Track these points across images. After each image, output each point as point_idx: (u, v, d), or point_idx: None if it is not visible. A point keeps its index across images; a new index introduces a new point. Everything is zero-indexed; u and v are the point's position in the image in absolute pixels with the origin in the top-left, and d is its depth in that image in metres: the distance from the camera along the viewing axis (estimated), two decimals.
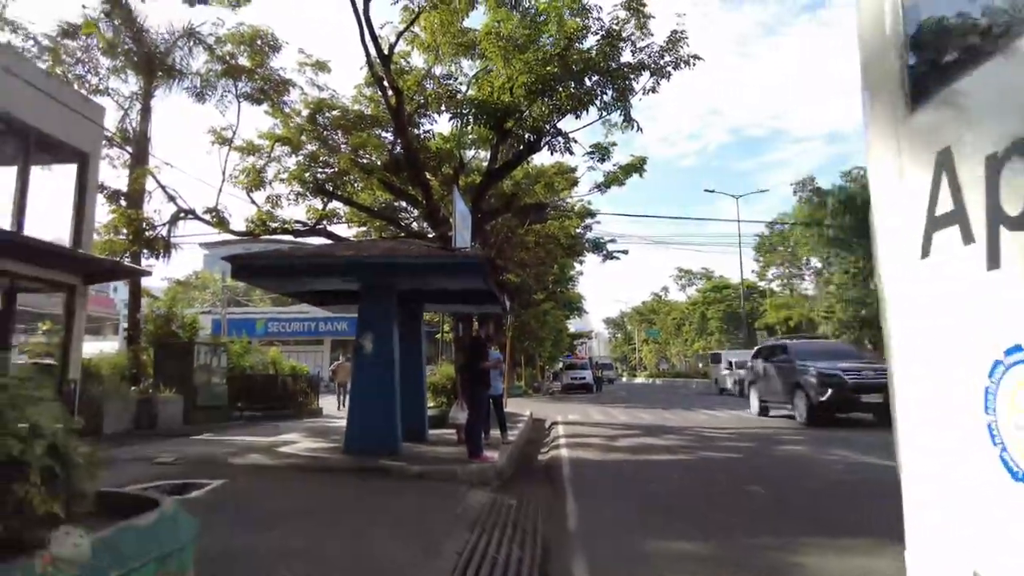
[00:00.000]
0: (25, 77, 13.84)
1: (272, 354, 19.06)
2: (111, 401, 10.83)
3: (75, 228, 15.15)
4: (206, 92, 21.50)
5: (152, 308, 19.00)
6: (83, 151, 15.51)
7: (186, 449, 9.35)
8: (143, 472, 7.44)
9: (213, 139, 21.08)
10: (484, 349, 8.10)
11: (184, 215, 19.78)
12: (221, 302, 38.82)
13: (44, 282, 14.34)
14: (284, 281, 8.97)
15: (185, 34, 21.20)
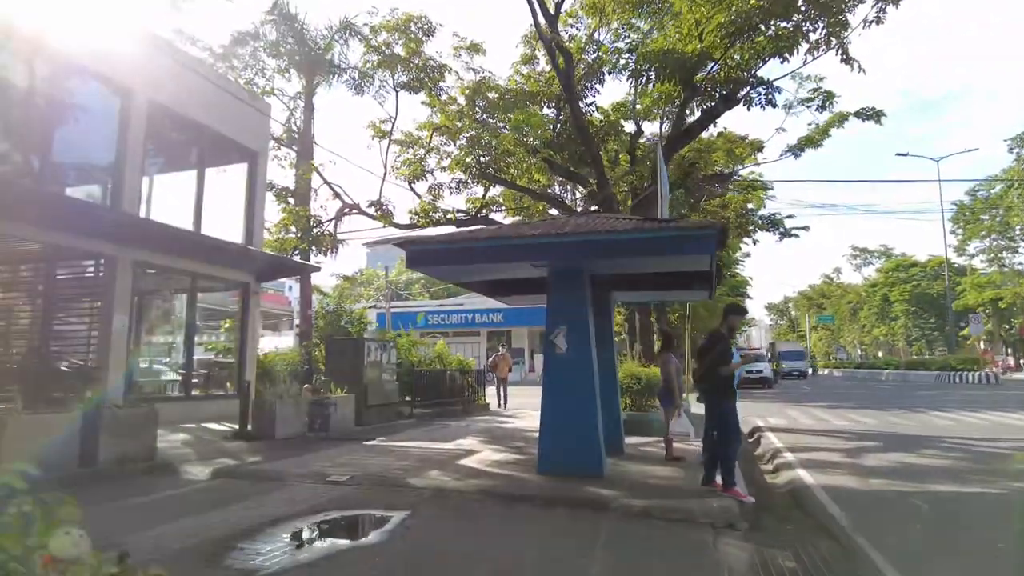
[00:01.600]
0: (199, 83, 13.89)
1: (439, 347, 18.29)
2: (283, 404, 10.19)
3: (247, 227, 15.15)
4: (364, 84, 21.26)
5: (322, 304, 19.01)
6: (252, 149, 15.48)
7: (360, 460, 8.34)
8: (315, 494, 6.36)
9: (373, 133, 20.82)
10: (727, 347, 6.14)
11: (349, 210, 19.62)
12: (384, 297, 39.83)
13: (221, 280, 14.42)
14: (461, 268, 7.64)
15: (342, 27, 21.08)
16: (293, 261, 15.62)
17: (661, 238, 6.51)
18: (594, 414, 7.20)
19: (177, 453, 8.53)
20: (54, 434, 6.78)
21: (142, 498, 6.17)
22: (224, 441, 9.77)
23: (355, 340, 13.60)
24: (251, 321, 14.69)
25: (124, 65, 12.07)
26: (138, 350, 13.05)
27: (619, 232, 6.63)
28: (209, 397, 13.72)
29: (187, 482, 7.13)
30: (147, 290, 13.66)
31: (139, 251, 11.95)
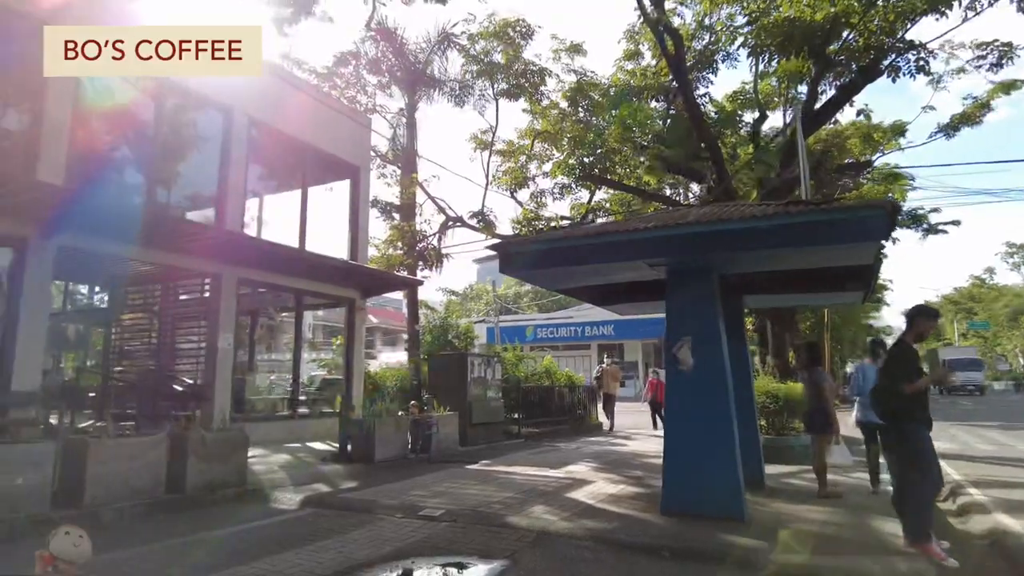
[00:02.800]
0: (302, 102, 13.95)
1: (546, 362, 17.36)
2: (383, 424, 9.61)
3: (351, 242, 15.00)
4: (464, 96, 20.99)
5: (428, 319, 18.67)
6: (355, 165, 15.37)
7: (458, 489, 7.52)
8: (403, 533, 5.57)
9: (475, 144, 20.43)
10: (915, 359, 4.72)
11: (453, 223, 19.25)
12: (493, 311, 39.55)
13: (326, 297, 14.29)
14: (562, 271, 6.67)
15: (440, 39, 20.92)
16: (396, 276, 15.31)
17: (813, 223, 5.18)
18: (731, 443, 5.94)
19: (270, 478, 8.11)
20: (143, 458, 6.47)
21: (219, 531, 5.65)
22: (321, 464, 9.32)
23: (458, 355, 12.96)
24: (357, 337, 14.46)
25: (229, 88, 12.21)
26: (245, 368, 13.10)
27: (759, 218, 5.38)
28: (316, 415, 13.55)
29: (273, 512, 6.60)
30: (253, 308, 13.77)
31: (244, 269, 11.95)
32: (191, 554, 4.91)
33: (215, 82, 11.95)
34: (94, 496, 5.98)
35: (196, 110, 12.16)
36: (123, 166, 11.38)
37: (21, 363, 8.66)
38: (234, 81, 12.28)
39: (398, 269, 17.33)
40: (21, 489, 5.53)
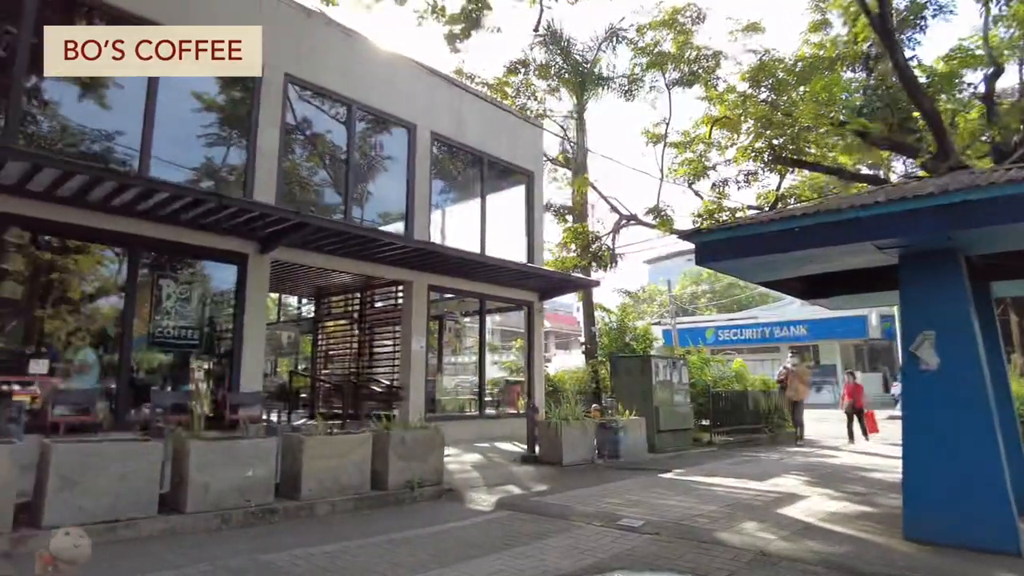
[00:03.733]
0: (476, 113, 14.35)
1: (737, 365, 16.18)
2: (569, 427, 9.41)
3: (528, 246, 15.12)
4: (633, 89, 20.42)
5: (604, 321, 18.31)
6: (528, 170, 15.50)
7: (655, 498, 7.05)
8: (602, 543, 5.24)
9: (647, 138, 19.74)
10: None
11: (626, 221, 18.74)
12: (669, 312, 38.16)
13: (506, 300, 14.50)
14: (768, 260, 5.95)
15: (608, 36, 20.55)
16: (573, 277, 15.15)
17: None
18: (995, 459, 4.88)
19: (465, 477, 8.22)
20: (351, 455, 6.81)
21: (421, 530, 5.72)
22: (512, 464, 9.32)
23: (642, 358, 12.44)
24: (536, 339, 14.52)
25: (412, 106, 12.87)
26: (435, 370, 13.63)
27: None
28: (501, 416, 13.77)
29: (469, 512, 6.61)
30: (441, 312, 14.34)
31: (432, 276, 12.48)
32: (396, 552, 4.99)
33: (400, 102, 12.66)
34: (310, 489, 6.38)
35: (383, 130, 12.94)
36: (322, 187, 12.39)
37: (247, 367, 9.67)
38: (416, 99, 12.95)
39: (572, 271, 17.19)
40: (251, 481, 6.02)
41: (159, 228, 8.94)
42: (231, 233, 9.58)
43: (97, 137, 9.28)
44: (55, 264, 8.96)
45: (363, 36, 12.54)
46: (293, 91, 11.32)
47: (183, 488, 5.65)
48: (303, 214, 9.09)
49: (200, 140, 10.43)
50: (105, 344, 8.94)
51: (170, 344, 9.48)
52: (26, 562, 4.43)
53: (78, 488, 5.08)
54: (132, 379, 8.89)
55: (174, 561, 4.63)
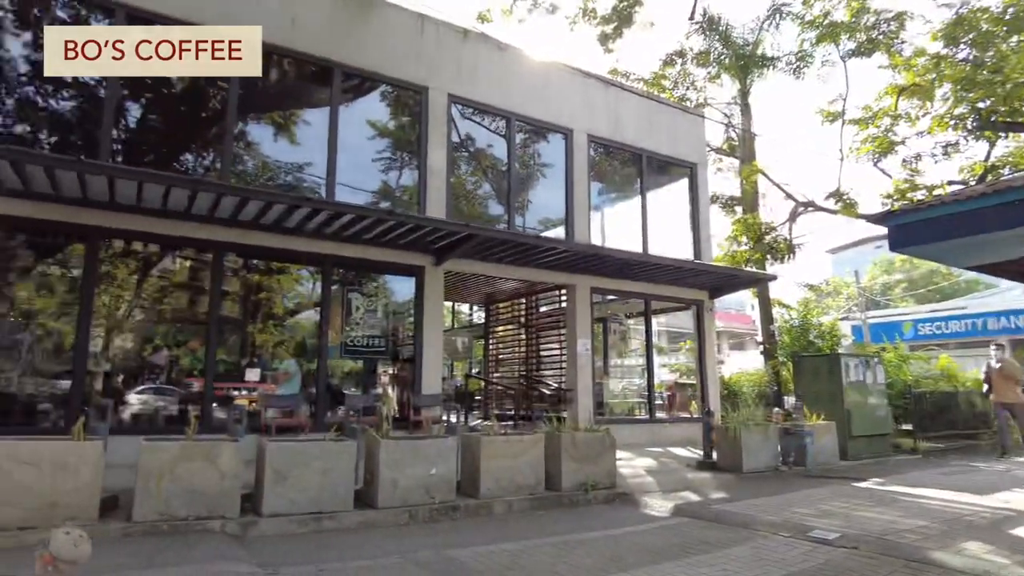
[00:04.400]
0: (632, 110, 14.14)
1: (942, 362, 14.29)
2: (749, 432, 8.87)
3: (694, 242, 14.57)
4: (802, 66, 18.89)
5: (784, 318, 17.07)
6: (690, 162, 14.96)
7: (851, 509, 6.42)
8: (792, 556, 4.86)
9: (822, 118, 18.22)
10: None
11: (803, 208, 17.39)
12: (858, 306, 34.68)
13: (673, 300, 14.06)
14: (979, 241, 5.16)
15: (770, 14, 19.23)
16: (744, 272, 14.31)
17: None
18: None
19: (638, 481, 8.06)
20: (525, 455, 6.97)
21: (595, 533, 5.70)
22: (687, 470, 8.98)
23: (830, 356, 11.40)
24: (707, 340, 13.91)
25: (568, 111, 12.99)
26: (601, 373, 13.57)
27: None
28: (673, 420, 13.35)
29: (646, 517, 6.47)
30: (607, 314, 14.26)
31: (595, 278, 12.46)
32: (573, 554, 5.01)
33: (555, 108, 12.82)
34: (488, 488, 6.63)
35: (541, 138, 13.18)
36: (486, 198, 12.89)
37: (427, 371, 10.30)
38: (571, 104, 13.04)
39: (744, 265, 16.24)
40: (434, 479, 6.39)
41: (346, 247, 9.83)
42: (408, 248, 10.29)
43: (290, 169, 10.46)
44: (261, 284, 10.21)
45: (517, 48, 12.88)
46: (456, 110, 11.92)
47: (374, 484, 6.14)
48: (471, 226, 9.51)
49: (376, 164, 11.34)
50: (304, 353, 10.01)
51: (360, 352, 10.38)
52: (231, 544, 5.07)
53: (288, 482, 5.71)
54: (328, 385, 9.86)
55: (369, 552, 5.03)
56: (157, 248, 9.32)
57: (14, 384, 8.07)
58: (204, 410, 8.52)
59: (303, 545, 5.20)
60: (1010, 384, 11.61)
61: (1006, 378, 11.63)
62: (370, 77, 11.01)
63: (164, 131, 9.98)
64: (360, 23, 10.93)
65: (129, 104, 9.63)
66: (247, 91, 10.07)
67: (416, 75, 11.33)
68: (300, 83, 10.88)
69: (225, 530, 5.30)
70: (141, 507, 5.18)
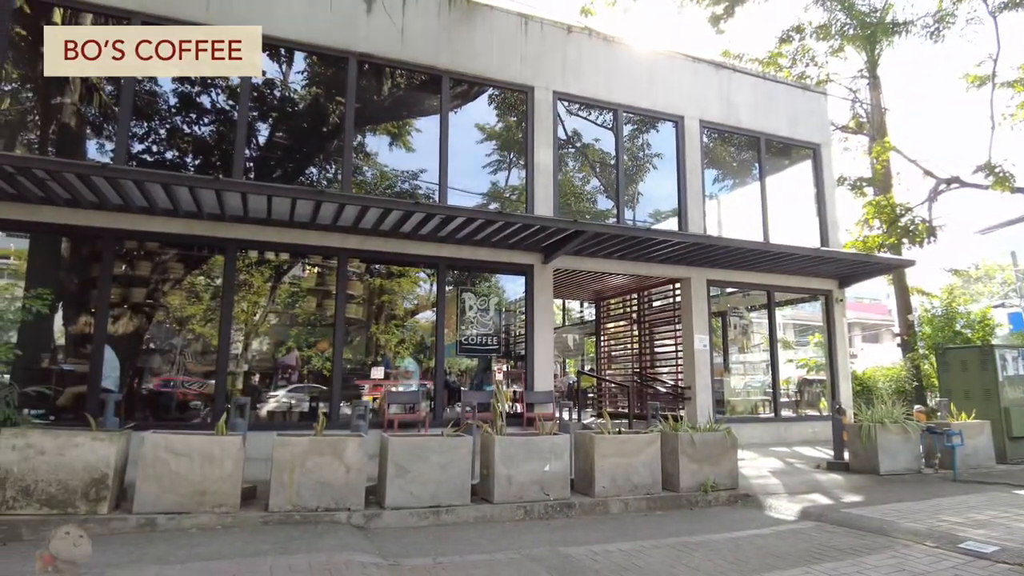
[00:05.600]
0: (746, 93, 13.48)
1: None
2: (885, 431, 8.18)
3: (820, 228, 13.67)
4: (943, 27, 17.18)
5: (925, 307, 15.63)
6: (813, 143, 14.06)
7: (1011, 519, 5.75)
8: (937, 568, 4.44)
9: (968, 82, 16.52)
10: None
11: (946, 185, 15.83)
12: (1017, 291, 31.04)
13: (798, 290, 13.29)
14: None
15: None
16: (876, 257, 13.20)
17: None
18: None
19: (762, 482, 7.68)
20: (640, 454, 6.85)
21: (716, 535, 5.49)
22: (815, 471, 8.44)
23: (982, 348, 10.28)
24: (838, 332, 13.00)
25: (677, 98, 12.60)
26: (721, 369, 13.05)
27: None
28: (800, 418, 12.61)
29: (769, 520, 6.16)
30: (726, 308, 13.69)
31: (711, 271, 12.01)
32: (692, 556, 4.86)
33: (663, 96, 12.49)
34: (603, 487, 6.58)
35: (650, 128, 12.87)
36: (595, 193, 12.77)
37: (539, 368, 10.38)
38: (681, 90, 12.65)
39: (877, 251, 15.01)
40: (548, 475, 6.43)
41: (459, 249, 10.12)
42: (517, 247, 10.42)
43: (405, 177, 10.92)
44: (382, 287, 10.74)
45: (621, 39, 12.64)
46: (562, 106, 11.90)
47: (490, 479, 6.27)
48: (577, 222, 9.45)
49: (485, 167, 11.60)
50: (423, 352, 10.41)
51: (474, 349, 10.65)
52: (356, 535, 5.34)
53: (409, 475, 5.97)
54: (446, 382, 10.20)
55: (484, 546, 5.14)
56: (287, 256, 10.10)
57: (171, 383, 9.02)
58: (332, 407, 9.08)
59: (422, 537, 5.41)
60: None
61: None
62: (476, 81, 11.25)
63: (289, 147, 10.74)
64: (465, 29, 11.19)
65: (259, 125, 10.47)
66: (364, 104, 10.62)
67: (521, 75, 11.44)
68: (411, 92, 11.31)
69: (351, 521, 5.63)
70: (276, 497, 5.61)
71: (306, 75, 10.80)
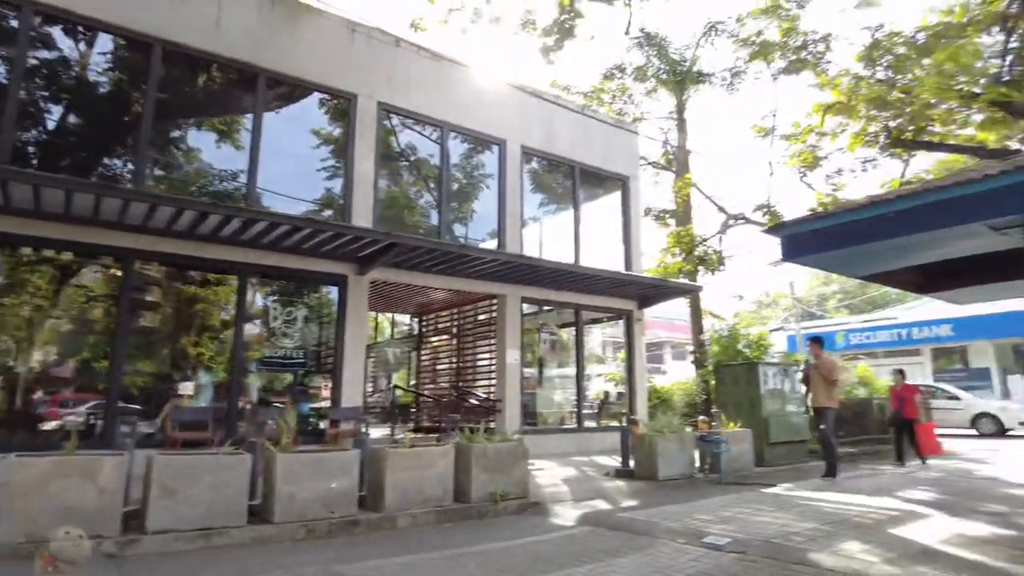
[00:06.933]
0: (566, 123, 14.27)
1: (860, 370, 14.83)
2: (665, 440, 8.98)
3: (625, 253, 14.78)
4: (736, 82, 19.52)
5: (715, 329, 17.45)
6: (623, 175, 15.20)
7: (751, 515, 6.53)
8: (681, 561, 4.90)
9: (755, 133, 18.80)
10: None
11: (733, 221, 17.86)
12: (793, 316, 35.79)
13: (603, 310, 14.21)
14: (865, 250, 5.36)
15: (706, 31, 19.81)
16: (671, 282, 14.57)
17: None
18: None
19: (553, 490, 8.06)
20: (433, 467, 6.88)
21: (495, 544, 5.64)
22: (604, 479, 9.04)
23: (748, 365, 11.67)
24: (637, 349, 14.10)
25: (501, 121, 13.04)
26: (535, 383, 13.59)
27: None
28: (601, 429, 13.46)
29: (551, 527, 6.45)
30: (536, 325, 14.29)
31: (525, 288, 12.49)
32: (465, 565, 4.95)
33: (489, 119, 12.86)
34: (392, 501, 6.51)
35: (474, 148, 13.19)
36: (418, 207, 12.80)
37: (348, 383, 10.11)
38: (505, 115, 13.10)
39: (678, 276, 16.56)
40: (335, 492, 6.24)
41: (264, 255, 9.61)
42: (330, 257, 10.11)
43: (212, 175, 10.20)
44: (178, 294, 9.88)
45: (452, 59, 12.88)
46: (387, 118, 11.82)
47: (271, 499, 5.95)
48: (393, 234, 9.40)
49: (303, 171, 11.14)
50: (218, 366, 9.70)
51: (277, 364, 10.12)
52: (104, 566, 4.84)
53: (177, 497, 5.48)
54: (243, 398, 9.57)
55: (253, 568, 4.85)
56: (66, 255, 8.91)
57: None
58: (107, 423, 8.17)
59: (184, 562, 4.99)
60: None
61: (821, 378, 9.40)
62: (298, 84, 10.85)
63: (86, 135, 9.61)
64: (288, 29, 10.77)
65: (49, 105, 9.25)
66: (174, 95, 9.82)
67: (345, 82, 11.22)
68: (224, 88, 10.63)
69: (101, 549, 5.04)
70: (5, 528, 4.89)
71: (109, 59, 9.76)
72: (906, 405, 11.27)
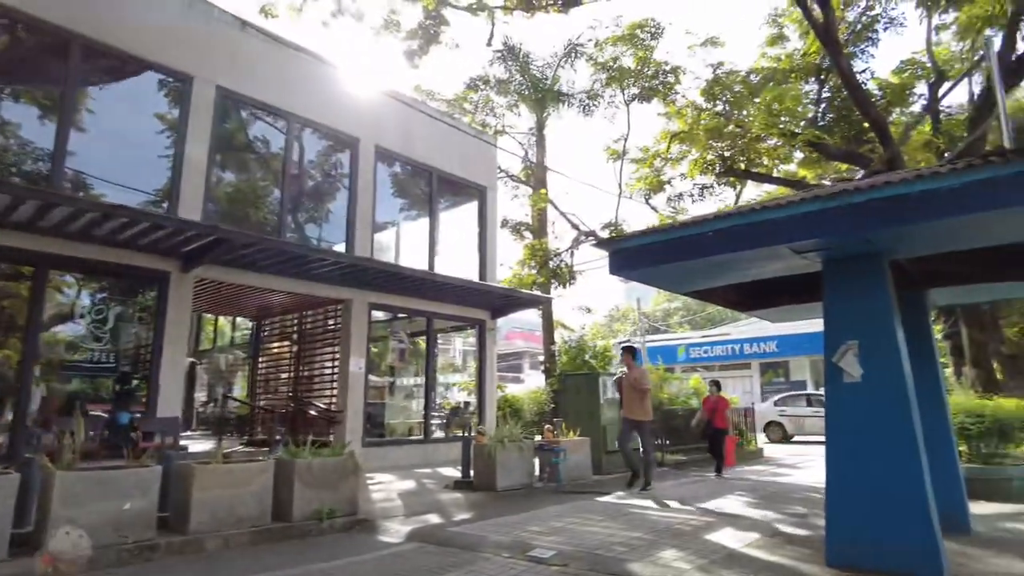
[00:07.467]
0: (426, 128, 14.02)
1: (693, 382, 15.86)
2: (504, 450, 8.94)
3: (480, 263, 14.77)
4: (592, 105, 20.33)
5: (564, 339, 17.93)
6: (481, 186, 15.21)
7: (580, 524, 6.60)
8: None
9: (608, 155, 19.63)
10: None
11: (584, 237, 18.51)
12: (639, 330, 37.93)
13: (457, 319, 14.07)
14: (687, 267, 5.61)
15: (567, 52, 20.48)
16: (524, 293, 14.77)
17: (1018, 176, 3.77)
18: (917, 473, 4.54)
19: (387, 506, 7.72)
20: (249, 485, 6.30)
21: (313, 565, 5.22)
22: (443, 491, 8.83)
23: (588, 376, 12.04)
24: (488, 358, 14.09)
25: (356, 119, 12.52)
26: (383, 392, 13.14)
27: (943, 176, 4.06)
28: (449, 439, 13.25)
29: (376, 545, 6.11)
30: (386, 332, 13.86)
31: (374, 294, 12.03)
32: None
33: (342, 116, 12.30)
34: (200, 522, 5.85)
35: (324, 144, 12.57)
36: (258, 202, 11.93)
37: (164, 391, 9.10)
38: (360, 113, 12.60)
39: (532, 288, 16.84)
40: (129, 514, 5.49)
41: (72, 246, 8.43)
42: (150, 251, 9.10)
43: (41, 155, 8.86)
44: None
45: (305, 49, 12.20)
46: (226, 104, 10.93)
47: (43, 525, 5.10)
48: (220, 228, 8.62)
49: (125, 155, 9.98)
50: (7, 370, 8.37)
51: (81, 369, 8.92)
52: None
53: None
54: (36, 407, 8.32)
55: None
56: None
57: None
58: None
59: None
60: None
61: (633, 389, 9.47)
62: (125, 58, 9.70)
63: None
64: None
65: None
66: None
67: (180, 62, 10.22)
68: (42, 55, 9.26)
69: None
70: None
71: None
72: (717, 416, 11.53)
